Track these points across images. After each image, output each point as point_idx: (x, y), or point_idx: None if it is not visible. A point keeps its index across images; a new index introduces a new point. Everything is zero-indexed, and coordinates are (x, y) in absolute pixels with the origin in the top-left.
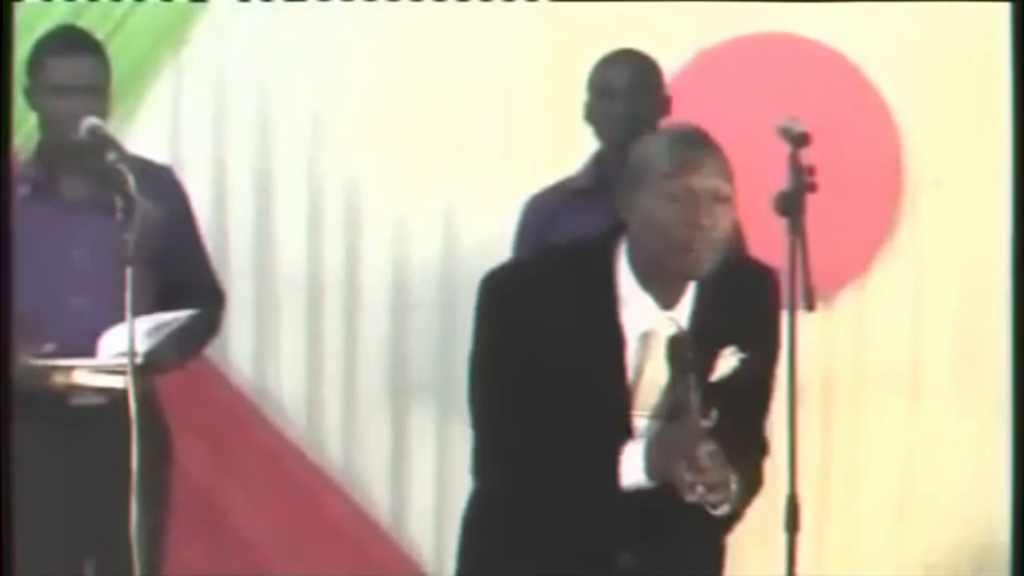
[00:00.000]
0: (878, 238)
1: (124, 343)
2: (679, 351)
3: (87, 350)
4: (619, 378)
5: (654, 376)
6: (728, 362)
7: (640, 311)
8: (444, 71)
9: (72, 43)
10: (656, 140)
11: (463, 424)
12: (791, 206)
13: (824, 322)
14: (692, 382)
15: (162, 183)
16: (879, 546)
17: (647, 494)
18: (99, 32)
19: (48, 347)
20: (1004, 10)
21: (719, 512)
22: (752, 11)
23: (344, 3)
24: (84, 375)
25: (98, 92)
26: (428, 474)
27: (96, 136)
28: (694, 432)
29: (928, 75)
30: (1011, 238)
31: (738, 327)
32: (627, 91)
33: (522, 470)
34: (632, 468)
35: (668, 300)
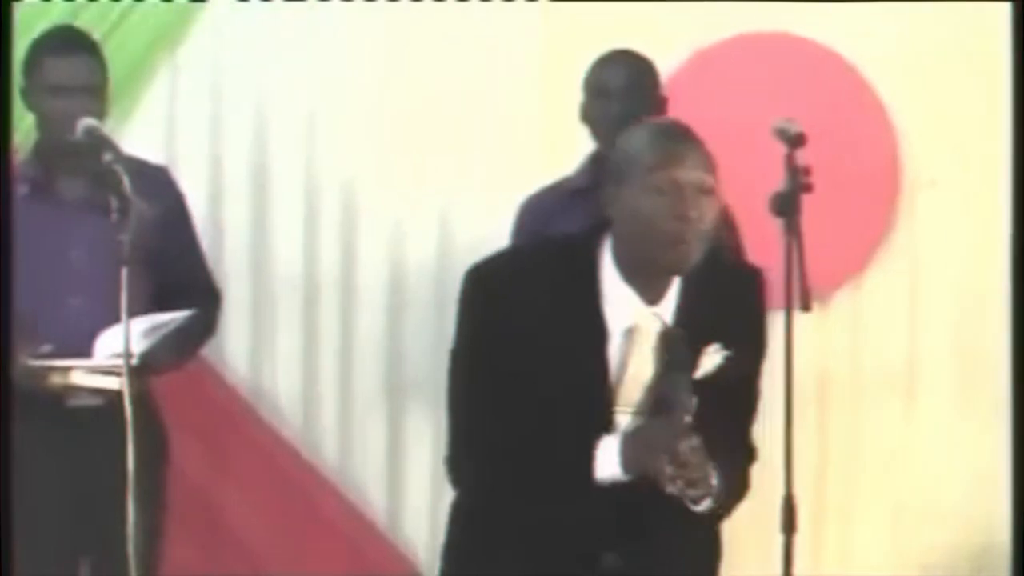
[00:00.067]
0: (874, 238)
1: (120, 344)
2: (672, 347)
3: (85, 350)
4: (601, 373)
5: (637, 372)
6: (712, 359)
7: (624, 306)
8: (441, 71)
9: (69, 43)
10: (638, 135)
11: None
12: (787, 207)
13: (820, 322)
14: (683, 379)
15: (158, 183)
16: (876, 547)
17: (629, 492)
18: (95, 32)
19: (45, 348)
20: (1000, 10)
21: (700, 508)
22: (748, 11)
23: (341, 3)
24: (81, 376)
25: (95, 92)
26: (424, 474)
27: (92, 136)
28: (678, 427)
29: (925, 75)
30: (1011, 238)
31: (723, 325)
32: (623, 91)
33: (498, 464)
34: (607, 461)
35: (652, 295)
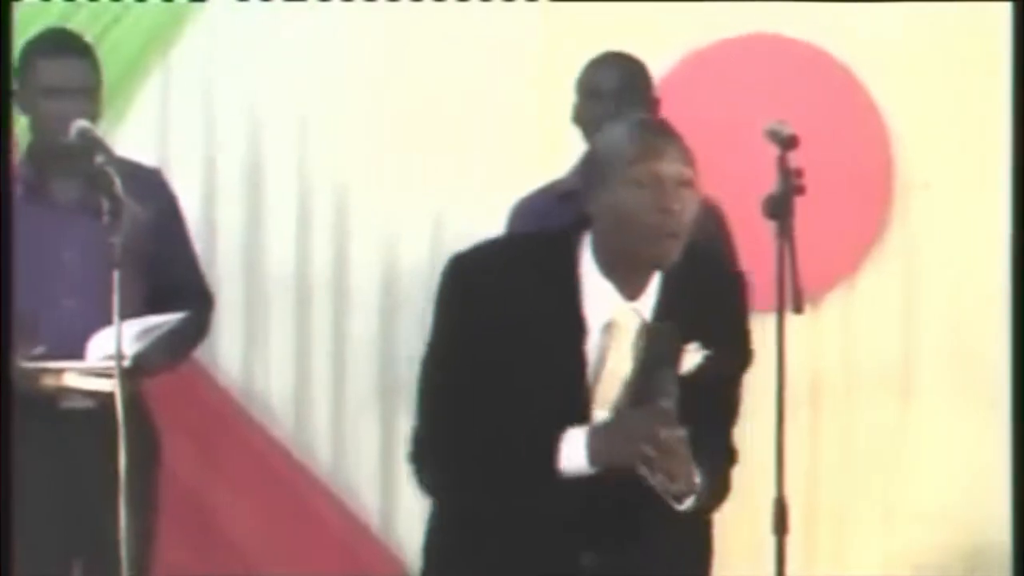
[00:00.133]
0: (867, 240)
1: (112, 346)
2: (658, 341)
3: (78, 352)
4: (578, 369)
5: (616, 368)
6: (692, 358)
7: (603, 302)
8: (434, 73)
9: (62, 45)
10: (616, 130)
11: None
12: (779, 209)
13: (812, 324)
14: (669, 373)
15: (150, 185)
16: (868, 548)
17: (609, 491)
18: (88, 34)
19: (39, 349)
20: (994, 10)
21: (683, 507)
22: (741, 12)
23: (335, 4)
24: (74, 378)
25: (88, 94)
26: None
27: (86, 139)
28: (657, 417)
29: (918, 77)
30: (1011, 238)
31: (703, 324)
32: (616, 93)
33: (463, 457)
34: (572, 454)
35: (632, 291)
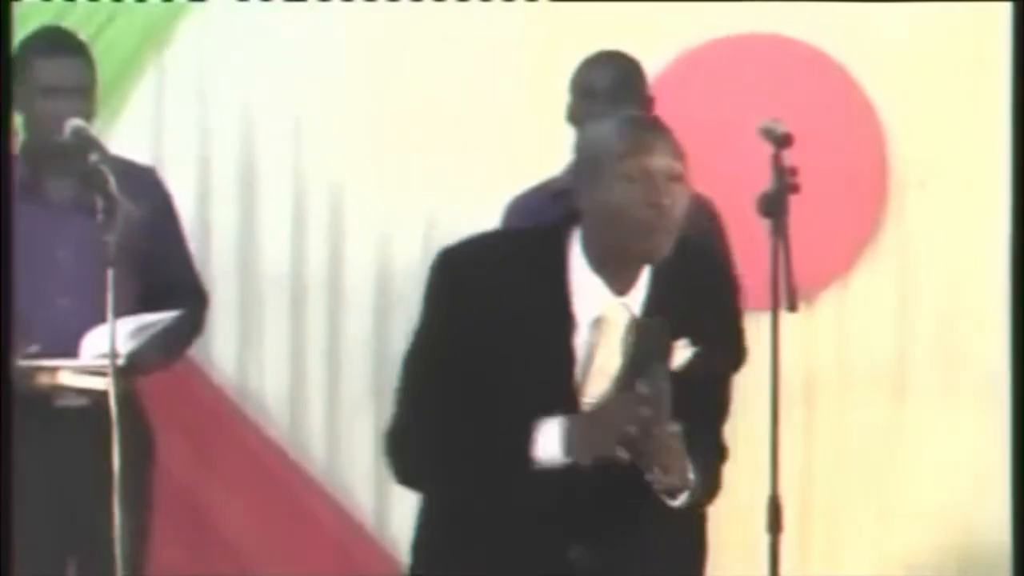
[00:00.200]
0: (861, 238)
1: (106, 344)
2: (650, 335)
3: (72, 351)
4: (565, 363)
5: (604, 363)
6: (681, 354)
7: (592, 297)
8: (428, 73)
9: (58, 44)
10: (604, 125)
11: None
12: (774, 207)
13: (807, 322)
14: (661, 367)
15: (145, 184)
16: (862, 547)
17: (597, 486)
18: (83, 32)
19: (33, 348)
20: (989, 10)
21: (677, 503)
22: (736, 11)
23: (329, 4)
24: (68, 376)
25: (83, 93)
26: None
27: (80, 137)
28: (641, 401)
29: (913, 75)
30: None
31: (692, 320)
32: (610, 92)
33: (442, 448)
34: (547, 444)
35: (621, 286)
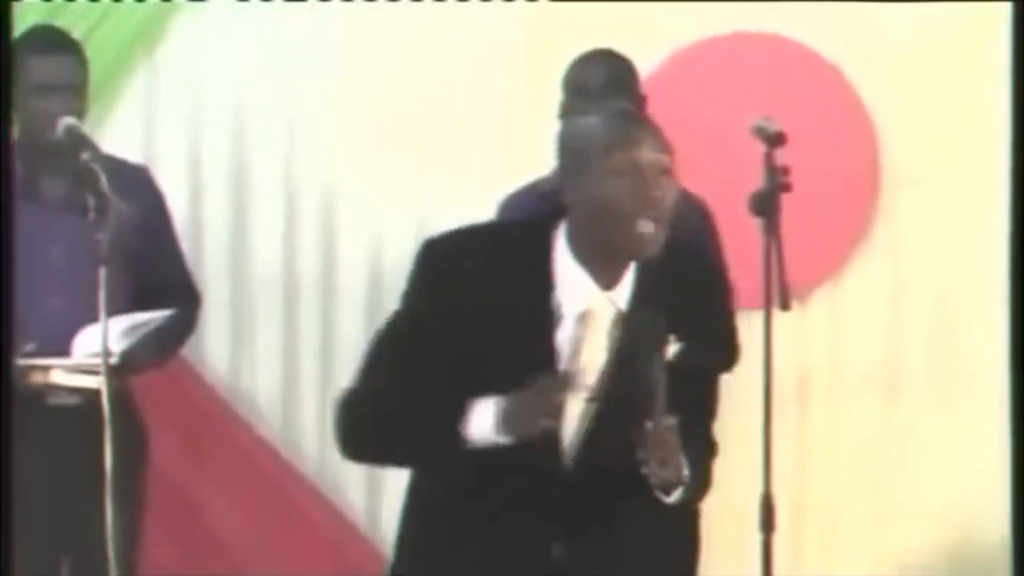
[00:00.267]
0: (853, 237)
1: (99, 343)
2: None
3: (65, 349)
4: (545, 356)
5: (591, 357)
6: (668, 349)
7: (578, 291)
8: (420, 73)
9: (51, 42)
10: (590, 120)
11: None
12: (766, 206)
13: (799, 321)
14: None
15: (137, 183)
16: (855, 546)
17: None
18: (76, 31)
19: (29, 346)
20: (983, 10)
21: (672, 499)
22: (729, 10)
23: (322, 4)
24: (60, 375)
25: (77, 91)
26: (404, 474)
27: (72, 136)
28: (568, 381)
29: (905, 74)
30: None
31: (679, 315)
32: (602, 91)
33: (386, 421)
34: (481, 422)
35: (608, 280)
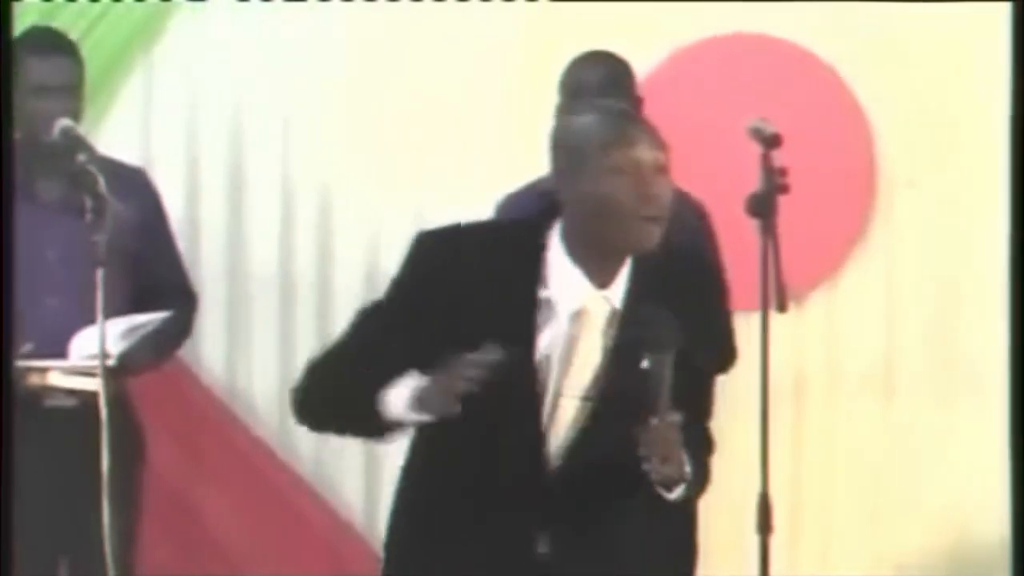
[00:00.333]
0: (850, 238)
1: (96, 344)
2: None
3: (61, 351)
4: (527, 354)
5: (586, 356)
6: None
7: (572, 289)
8: (417, 73)
9: (47, 44)
10: (585, 118)
11: None
12: (763, 207)
13: (796, 322)
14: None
15: (134, 184)
16: (852, 547)
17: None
18: (73, 31)
19: (26, 347)
20: (979, 10)
21: (673, 495)
22: (725, 11)
23: (321, 4)
24: (58, 376)
25: (73, 92)
26: None
27: (68, 137)
28: (476, 365)
29: (901, 75)
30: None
31: (675, 316)
32: (599, 92)
33: (327, 392)
34: (397, 400)
35: (603, 279)
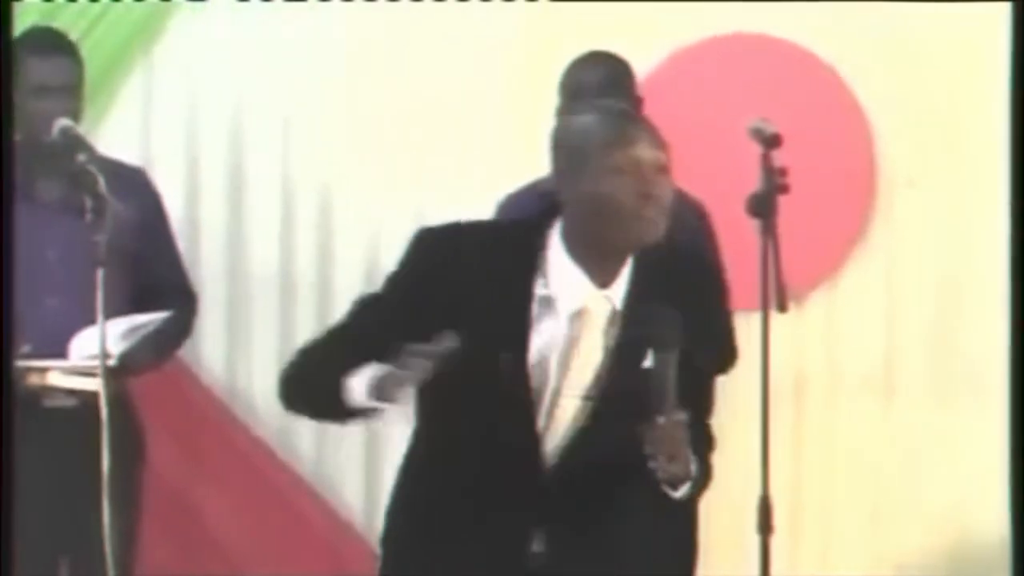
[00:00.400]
0: (850, 238)
1: (96, 345)
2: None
3: (61, 351)
4: (519, 352)
5: (587, 354)
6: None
7: (573, 289)
8: (417, 73)
9: (47, 44)
10: (585, 117)
11: None
12: (763, 207)
13: (796, 323)
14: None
15: (134, 184)
16: (853, 547)
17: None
18: (72, 32)
19: (25, 348)
20: (977, 9)
21: (679, 494)
22: (725, 12)
23: (322, 4)
24: (58, 377)
25: (72, 93)
26: None
27: (68, 137)
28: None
29: (902, 75)
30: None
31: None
32: (599, 93)
33: (305, 375)
34: (357, 386)
35: (604, 278)
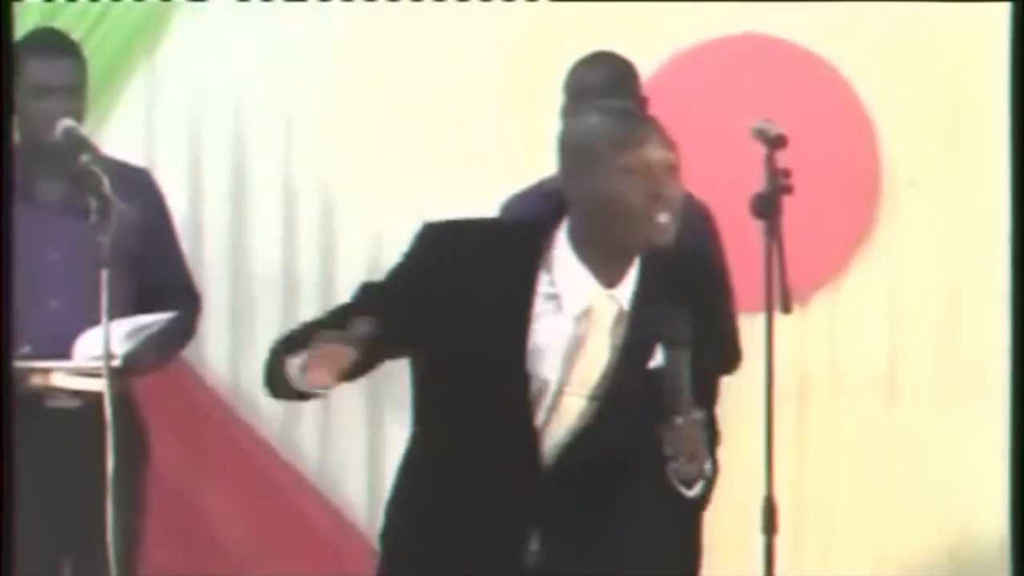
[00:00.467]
0: (854, 239)
1: (100, 345)
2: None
3: (64, 352)
4: (517, 352)
5: (594, 355)
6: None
7: (580, 288)
8: (420, 72)
9: (50, 44)
10: (593, 118)
11: None
12: (767, 208)
13: (800, 324)
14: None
15: (138, 185)
16: (857, 548)
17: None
18: (75, 32)
19: (25, 349)
20: (978, 9)
21: (693, 492)
22: (729, 12)
23: (322, 4)
24: (61, 377)
25: (75, 93)
26: None
27: (71, 137)
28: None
29: (904, 75)
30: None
31: None
32: (603, 93)
33: (278, 353)
34: (292, 370)
35: (610, 278)
